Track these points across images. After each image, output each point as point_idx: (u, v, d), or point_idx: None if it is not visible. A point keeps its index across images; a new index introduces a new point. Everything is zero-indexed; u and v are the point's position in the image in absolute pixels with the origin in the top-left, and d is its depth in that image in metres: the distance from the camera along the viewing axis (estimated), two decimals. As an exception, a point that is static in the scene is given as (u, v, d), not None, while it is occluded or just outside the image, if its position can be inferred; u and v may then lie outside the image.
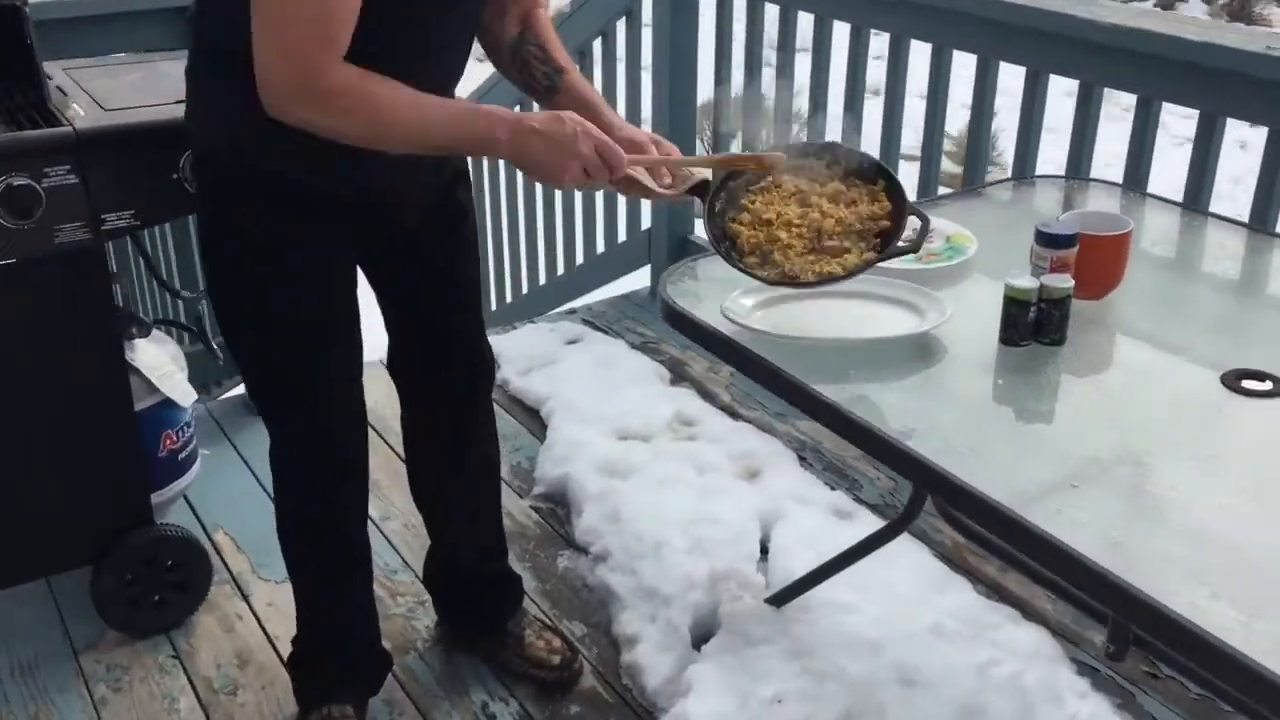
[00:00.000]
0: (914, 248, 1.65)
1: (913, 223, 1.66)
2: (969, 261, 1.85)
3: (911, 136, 2.77)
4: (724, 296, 1.70)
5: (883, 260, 1.64)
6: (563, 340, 3.35)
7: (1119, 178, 2.34)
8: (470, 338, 1.95)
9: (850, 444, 1.53)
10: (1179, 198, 2.22)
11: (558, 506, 2.65)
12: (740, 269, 1.65)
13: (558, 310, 3.67)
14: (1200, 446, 1.41)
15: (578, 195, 3.81)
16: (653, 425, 2.81)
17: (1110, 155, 2.51)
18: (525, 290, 4.24)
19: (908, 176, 2.87)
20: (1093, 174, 2.39)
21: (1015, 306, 1.60)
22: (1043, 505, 1.30)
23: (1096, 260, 1.70)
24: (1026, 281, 1.60)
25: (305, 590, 1.95)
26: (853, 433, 1.49)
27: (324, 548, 1.92)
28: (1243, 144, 5.61)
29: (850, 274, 1.62)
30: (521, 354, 3.26)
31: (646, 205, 3.70)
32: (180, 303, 3.04)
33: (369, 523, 2.00)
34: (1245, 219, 2.12)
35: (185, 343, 2.64)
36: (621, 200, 3.77)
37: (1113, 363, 1.66)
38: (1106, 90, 2.39)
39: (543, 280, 4.09)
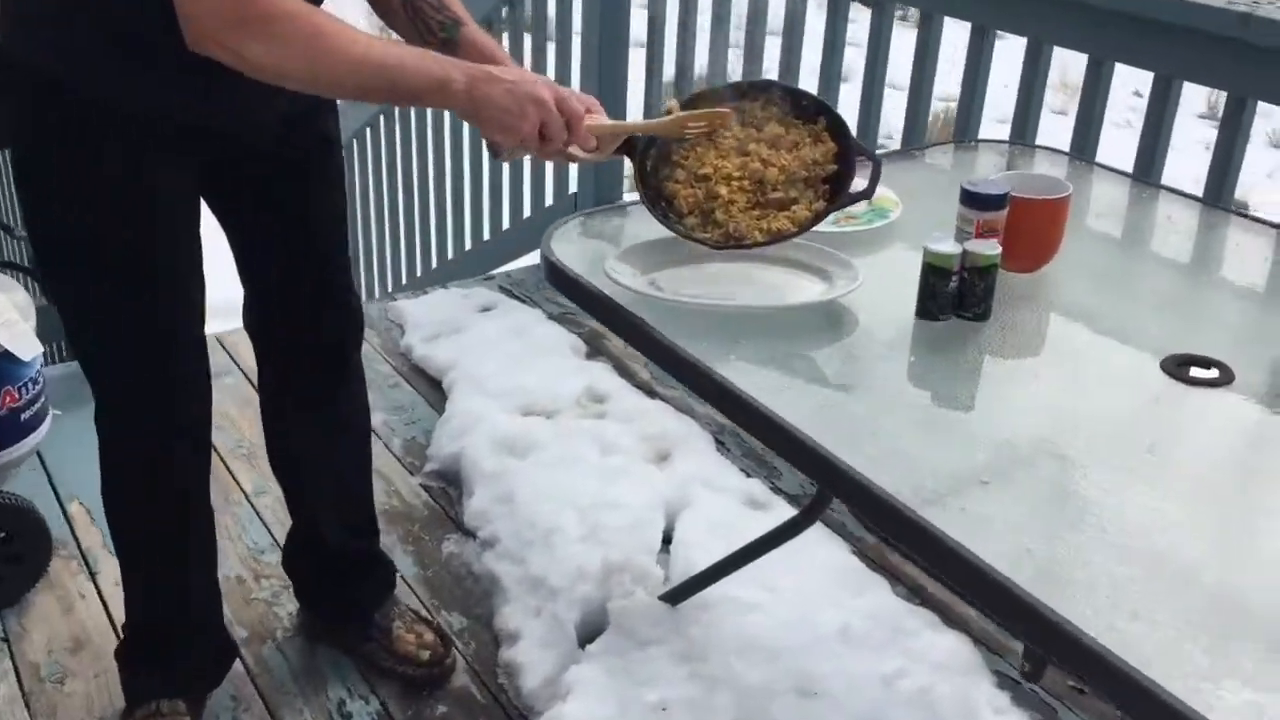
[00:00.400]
0: (867, 193, 1.47)
1: (863, 168, 1.49)
2: (891, 226, 1.65)
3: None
4: (617, 250, 1.50)
5: (837, 209, 1.48)
6: (475, 307, 3.13)
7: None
8: (333, 283, 1.73)
9: (737, 425, 1.32)
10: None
11: (449, 486, 2.44)
12: (681, 233, 1.47)
13: (475, 277, 3.44)
14: (1133, 441, 1.22)
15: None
16: (560, 401, 2.60)
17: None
18: (448, 256, 4.01)
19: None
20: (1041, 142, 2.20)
21: (934, 275, 1.40)
22: (945, 505, 1.11)
23: (1029, 227, 1.50)
24: (948, 246, 1.40)
25: (134, 570, 1.73)
26: (735, 411, 1.29)
27: (156, 524, 1.69)
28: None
29: (803, 228, 1.45)
30: (429, 320, 3.04)
31: (574, 167, 3.48)
32: (23, 244, 2.78)
33: (246, 499, 1.78)
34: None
35: (37, 293, 2.40)
36: (549, 163, 3.54)
37: (1042, 343, 1.46)
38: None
39: (468, 245, 3.86)
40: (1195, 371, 1.32)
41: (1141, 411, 1.28)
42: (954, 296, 1.41)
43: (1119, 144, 2.54)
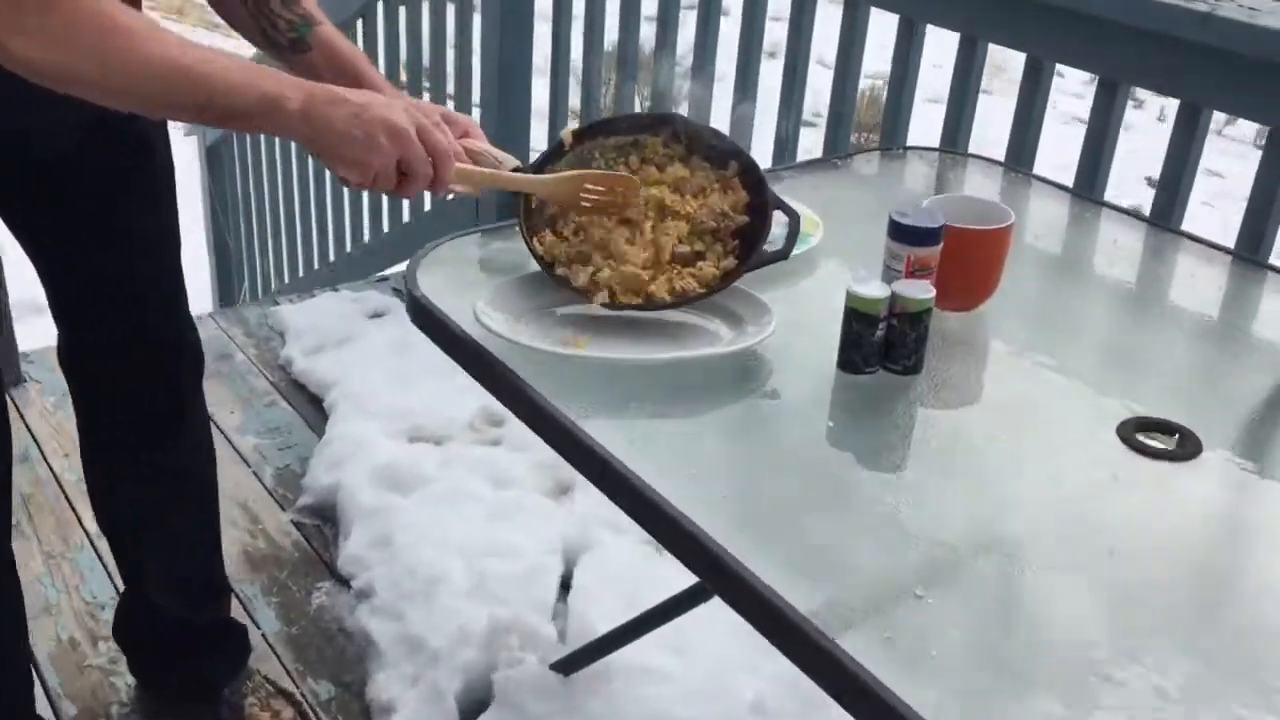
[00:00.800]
0: (784, 254, 1.28)
1: (779, 218, 1.31)
2: (812, 253, 1.44)
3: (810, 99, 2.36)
4: (491, 288, 1.27)
5: (750, 269, 1.27)
6: (365, 314, 2.87)
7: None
8: (160, 317, 1.48)
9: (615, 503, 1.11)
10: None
11: (325, 524, 2.19)
12: (570, 288, 1.26)
13: (368, 278, 3.18)
14: (1090, 533, 1.03)
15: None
16: (451, 425, 2.36)
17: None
18: (334, 256, 3.73)
19: (813, 146, 2.50)
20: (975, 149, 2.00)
21: (859, 322, 1.19)
22: (868, 628, 0.91)
23: (967, 261, 1.30)
24: (874, 289, 1.19)
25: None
26: (616, 491, 1.07)
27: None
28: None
29: (710, 290, 1.26)
30: (313, 328, 2.78)
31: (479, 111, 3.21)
32: None
33: (88, 542, 1.53)
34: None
35: None
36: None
37: (980, 401, 1.26)
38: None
39: (366, 240, 3.58)
40: (1156, 440, 1.13)
41: (1099, 493, 1.08)
42: (880, 346, 1.21)
43: (1059, 142, 2.36)
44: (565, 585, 1.97)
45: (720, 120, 2.04)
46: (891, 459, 1.16)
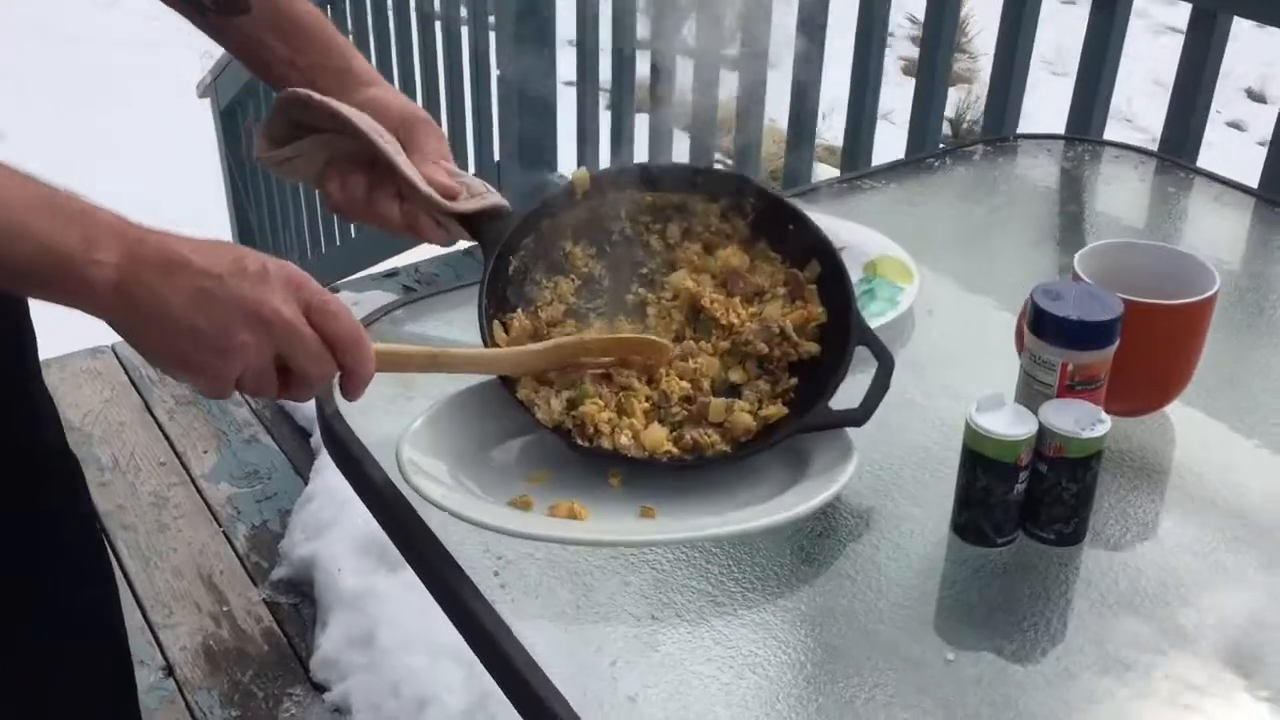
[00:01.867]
0: (861, 416, 0.83)
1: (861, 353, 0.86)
2: (901, 323, 1.00)
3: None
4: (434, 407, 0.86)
5: (804, 430, 0.83)
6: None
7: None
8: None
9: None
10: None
11: (303, 603, 1.81)
12: (534, 416, 0.84)
13: (370, 271, 2.76)
14: None
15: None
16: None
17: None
18: (327, 247, 3.32)
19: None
20: (1114, 127, 1.53)
21: (987, 472, 0.76)
22: None
23: (1148, 347, 0.85)
24: (1010, 422, 0.76)
25: None
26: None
27: None
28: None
29: (738, 451, 0.84)
30: (306, 343, 2.38)
31: (497, 129, 2.79)
32: None
33: None
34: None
35: None
36: (469, 122, 2.85)
37: (1179, 591, 0.82)
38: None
39: (353, 230, 3.17)
40: None
41: None
42: (1021, 504, 0.78)
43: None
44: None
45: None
46: (1052, 702, 0.72)
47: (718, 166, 1.23)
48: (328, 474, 1.98)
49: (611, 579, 0.77)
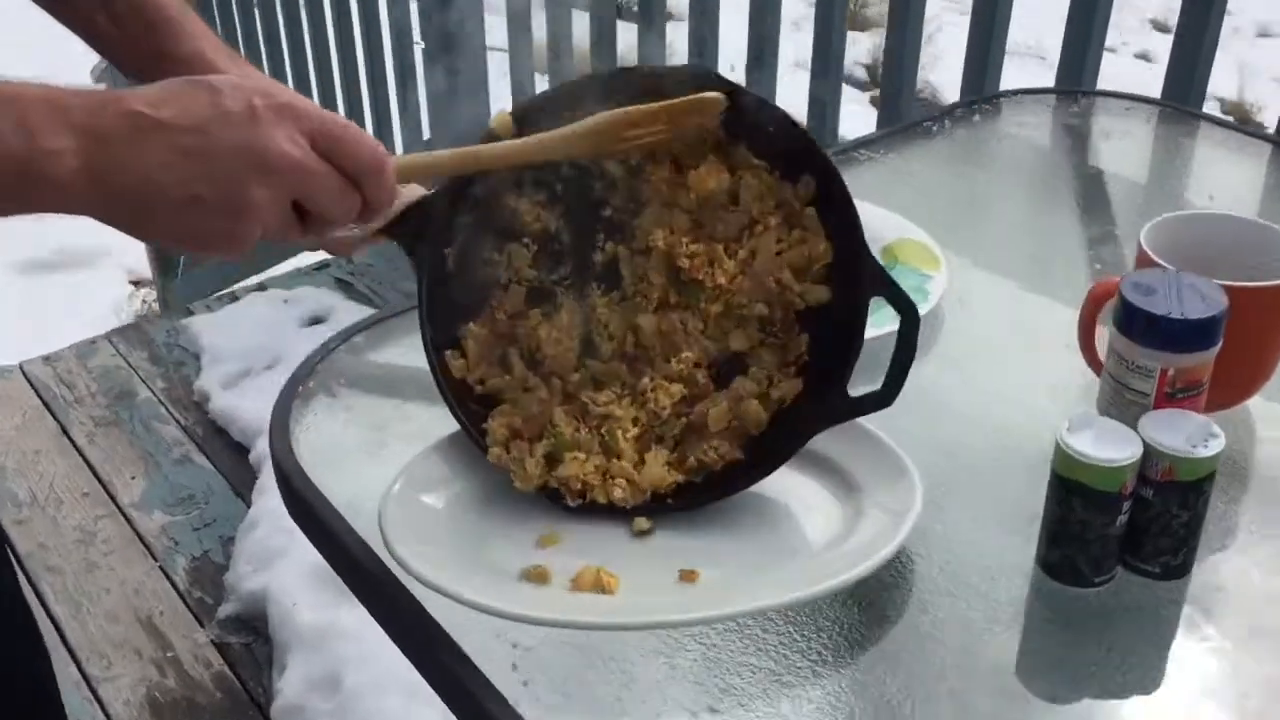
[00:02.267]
0: (885, 398, 0.69)
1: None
2: (933, 319, 0.89)
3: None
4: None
5: (827, 425, 0.70)
6: (300, 319, 2.30)
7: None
8: None
9: None
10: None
11: (256, 641, 1.66)
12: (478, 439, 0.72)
13: (298, 264, 2.57)
14: None
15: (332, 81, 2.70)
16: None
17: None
18: None
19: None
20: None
21: (1086, 503, 0.65)
22: None
23: (1241, 338, 0.74)
24: (1112, 445, 0.64)
25: None
26: None
27: None
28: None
29: (756, 460, 0.71)
30: (233, 346, 2.21)
31: (424, 101, 2.61)
32: None
33: None
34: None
35: None
36: (392, 95, 2.67)
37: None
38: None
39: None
40: None
41: None
42: (1122, 537, 0.66)
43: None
44: None
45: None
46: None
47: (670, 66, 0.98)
48: (272, 495, 1.82)
49: (655, 663, 0.65)
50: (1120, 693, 0.64)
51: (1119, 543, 0.67)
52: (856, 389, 0.70)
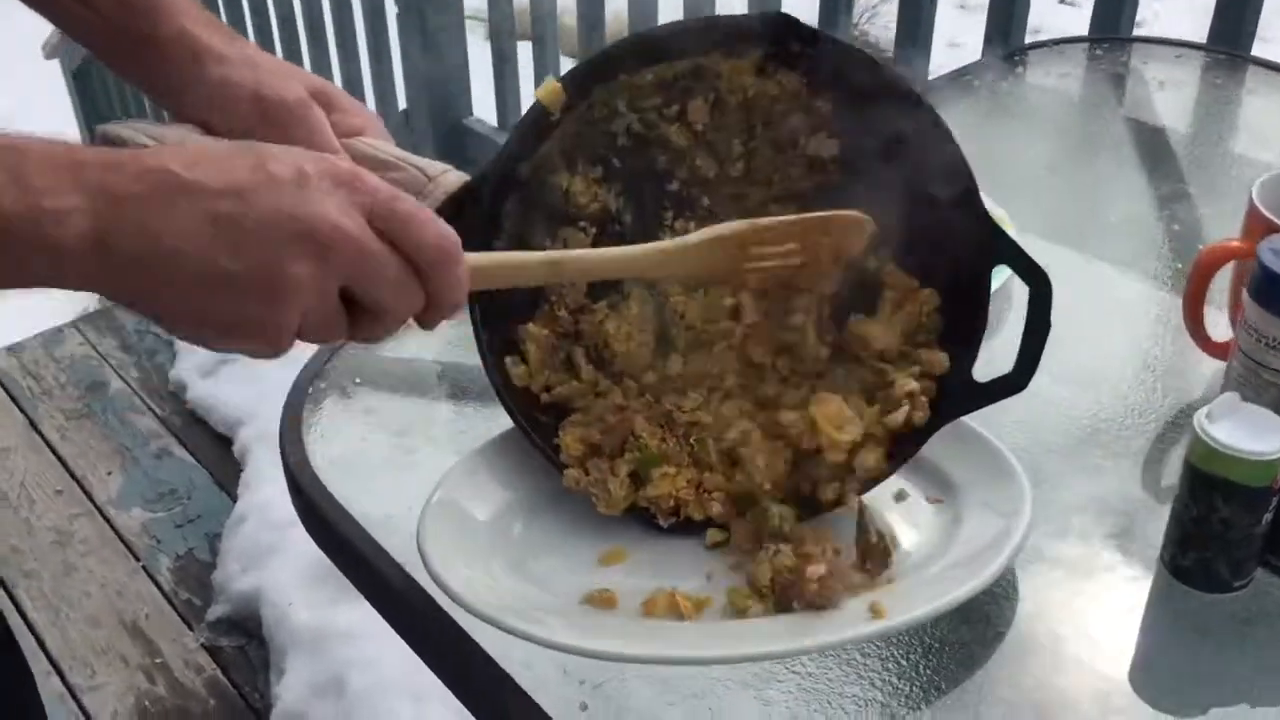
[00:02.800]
0: (1019, 382, 0.61)
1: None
2: (1008, 289, 0.81)
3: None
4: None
5: (948, 421, 0.62)
6: (279, 301, 2.19)
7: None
8: None
9: None
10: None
11: (250, 643, 1.57)
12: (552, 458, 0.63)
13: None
14: None
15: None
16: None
17: None
18: None
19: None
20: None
21: (1229, 500, 0.59)
22: None
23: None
24: (1258, 434, 0.57)
25: None
26: None
27: None
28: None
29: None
30: (210, 334, 2.10)
31: (399, 71, 2.50)
32: None
33: None
34: None
35: None
36: (365, 66, 2.55)
37: None
38: None
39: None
40: None
41: None
42: (1268, 534, 0.59)
43: None
44: None
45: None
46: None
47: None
48: (260, 488, 1.72)
49: (744, 698, 0.57)
50: (1265, 703, 0.57)
51: (1262, 542, 0.60)
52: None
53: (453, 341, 0.77)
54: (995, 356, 0.63)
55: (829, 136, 0.63)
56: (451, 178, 0.61)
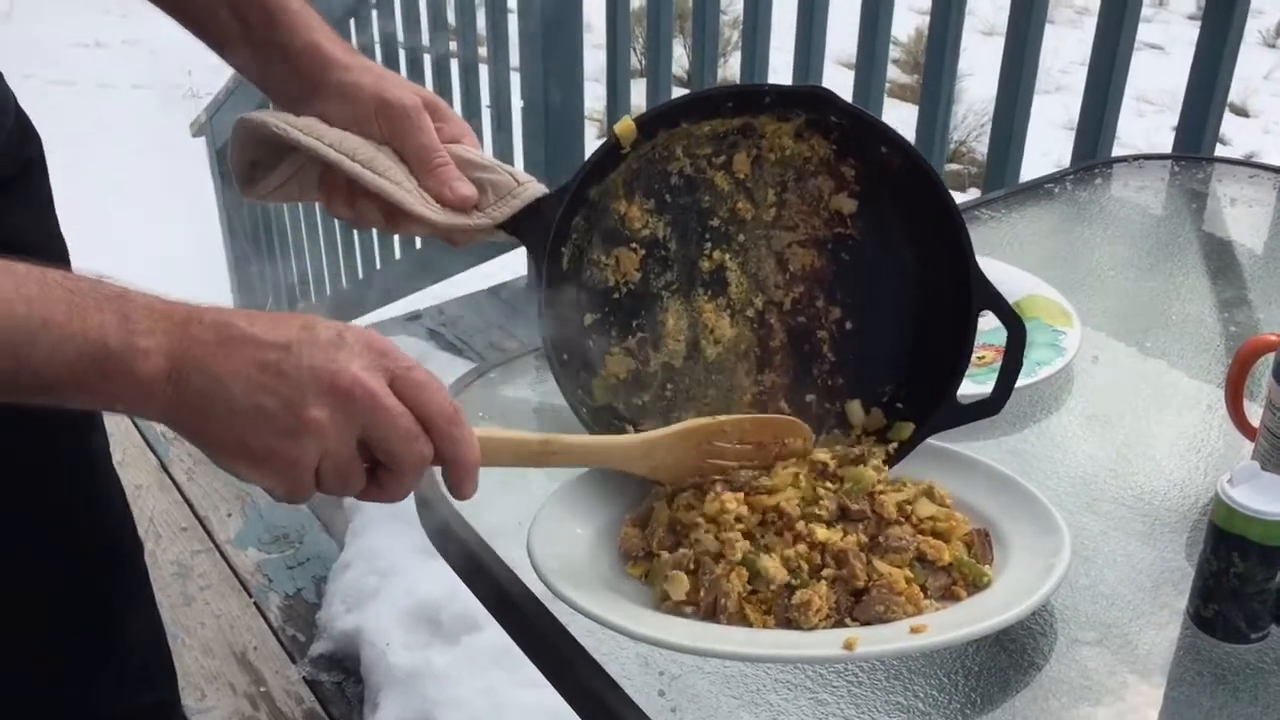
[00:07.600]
0: (994, 405, 0.76)
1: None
2: (1067, 377, 0.89)
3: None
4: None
5: (930, 434, 0.77)
6: (394, 368, 2.34)
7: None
8: None
9: None
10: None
11: (347, 680, 1.67)
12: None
13: (390, 314, 2.63)
14: None
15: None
16: (505, 531, 1.82)
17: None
18: (332, 286, 3.18)
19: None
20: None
21: (1247, 556, 0.65)
22: None
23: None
24: (1269, 498, 0.64)
25: None
26: None
27: None
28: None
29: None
30: (330, 393, 2.25)
31: (519, 141, 2.64)
32: None
33: None
34: None
35: None
36: (486, 139, 2.73)
37: None
38: None
39: (378, 263, 3.04)
40: None
41: None
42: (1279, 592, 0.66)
43: None
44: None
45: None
46: None
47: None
48: (366, 536, 1.84)
49: (803, 699, 0.65)
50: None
51: (1277, 596, 0.66)
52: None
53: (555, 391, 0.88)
54: (1055, 434, 0.71)
55: (849, 196, 0.77)
56: (534, 188, 0.74)
